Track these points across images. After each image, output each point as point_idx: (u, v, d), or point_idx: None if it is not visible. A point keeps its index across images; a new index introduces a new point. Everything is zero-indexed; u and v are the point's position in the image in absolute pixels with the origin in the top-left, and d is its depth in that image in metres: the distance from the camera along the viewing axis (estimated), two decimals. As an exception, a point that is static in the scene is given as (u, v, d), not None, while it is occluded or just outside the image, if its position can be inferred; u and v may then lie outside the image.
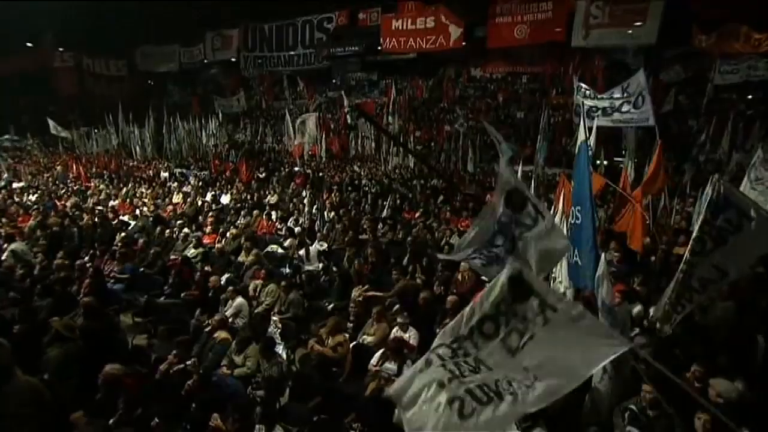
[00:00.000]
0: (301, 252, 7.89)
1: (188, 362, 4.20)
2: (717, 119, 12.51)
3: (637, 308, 5.09)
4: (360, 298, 6.13)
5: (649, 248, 6.99)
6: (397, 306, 5.81)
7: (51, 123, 19.86)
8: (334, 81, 25.71)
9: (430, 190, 14.12)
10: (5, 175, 15.34)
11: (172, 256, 7.71)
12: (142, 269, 7.09)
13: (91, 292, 5.59)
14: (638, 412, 3.21)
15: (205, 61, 27.80)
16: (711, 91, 16.59)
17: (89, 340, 4.18)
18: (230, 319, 5.55)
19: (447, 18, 20.59)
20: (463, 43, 21.40)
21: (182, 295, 6.38)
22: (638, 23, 16.48)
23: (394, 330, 5.20)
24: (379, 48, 23.27)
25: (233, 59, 27.15)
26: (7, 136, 24.92)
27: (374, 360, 4.72)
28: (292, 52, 25.08)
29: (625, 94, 7.27)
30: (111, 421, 3.27)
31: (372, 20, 22.75)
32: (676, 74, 18.16)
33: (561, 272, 4.42)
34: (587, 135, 4.11)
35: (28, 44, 28.48)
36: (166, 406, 3.84)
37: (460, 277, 6.75)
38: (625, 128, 9.93)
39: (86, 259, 6.87)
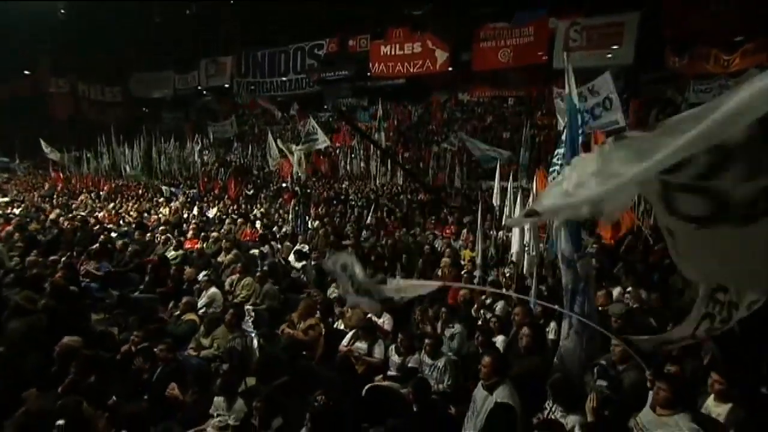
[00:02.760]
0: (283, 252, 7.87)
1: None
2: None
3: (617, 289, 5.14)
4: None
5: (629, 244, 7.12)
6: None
7: (43, 143, 19.97)
8: (325, 107, 26.33)
9: (417, 204, 14.27)
10: None
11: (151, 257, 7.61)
12: (117, 268, 6.99)
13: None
14: (607, 366, 3.17)
15: (199, 87, 28.41)
16: (686, 110, 17.19)
17: (52, 317, 4.09)
18: (203, 309, 5.45)
19: (433, 43, 21.44)
20: (450, 68, 22.16)
21: (157, 290, 6.28)
22: (615, 46, 17.30)
23: (368, 315, 5.14)
24: (369, 74, 24.01)
25: (227, 85, 27.80)
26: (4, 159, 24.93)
27: (345, 340, 4.64)
28: (284, 78, 25.78)
29: (596, 95, 7.55)
30: (60, 388, 3.13)
31: (361, 46, 23.61)
32: (654, 95, 18.89)
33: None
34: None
35: (26, 72, 29.12)
36: (126, 385, 3.73)
37: (440, 272, 6.78)
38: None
39: (60, 257, 6.74)
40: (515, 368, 3.18)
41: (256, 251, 8.34)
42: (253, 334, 5.08)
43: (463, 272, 6.43)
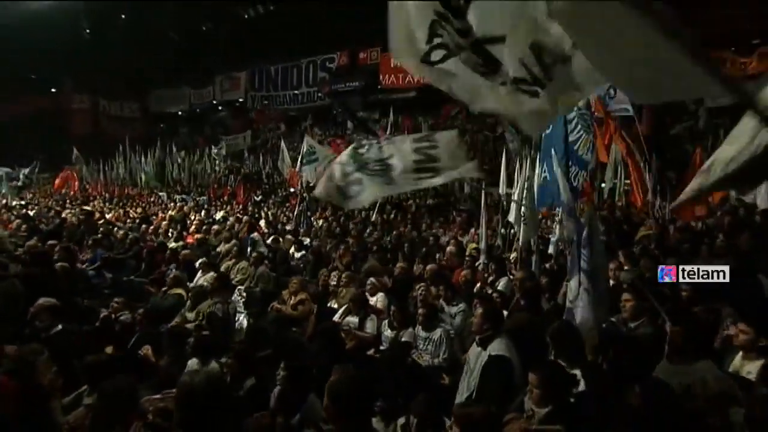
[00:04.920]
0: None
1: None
2: (711, 143, 12.51)
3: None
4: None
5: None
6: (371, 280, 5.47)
7: (75, 151, 20.64)
8: (338, 120, 26.60)
9: (425, 208, 14.08)
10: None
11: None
12: (114, 254, 6.91)
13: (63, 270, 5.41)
14: (618, 323, 2.84)
15: (214, 101, 29.09)
16: (704, 114, 16.77)
17: (32, 283, 3.94)
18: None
19: (443, 54, 21.56)
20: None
21: (149, 277, 6.13)
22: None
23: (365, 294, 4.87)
24: (380, 86, 24.26)
25: (241, 100, 28.39)
26: (25, 171, 25.73)
27: (336, 316, 4.39)
28: (296, 91, 26.21)
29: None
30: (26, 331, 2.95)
31: (372, 59, 23.92)
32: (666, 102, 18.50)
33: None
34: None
35: (52, 90, 30.40)
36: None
37: (447, 258, 6.53)
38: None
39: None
40: (510, 323, 2.86)
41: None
42: (242, 316, 4.89)
43: (466, 259, 6.13)
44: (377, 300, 4.77)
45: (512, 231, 7.25)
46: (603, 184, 9.68)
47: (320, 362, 3.37)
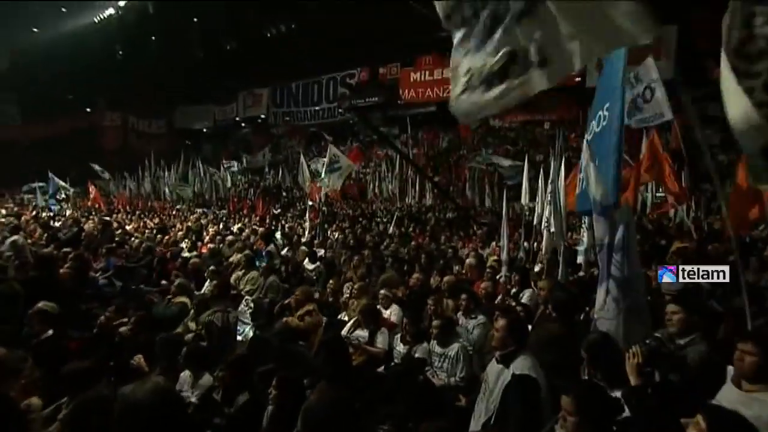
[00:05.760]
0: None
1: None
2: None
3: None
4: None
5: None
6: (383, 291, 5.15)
7: (96, 167, 21.33)
8: (359, 136, 26.73)
9: (444, 222, 13.74)
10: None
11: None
12: (127, 263, 6.84)
13: (70, 276, 5.36)
14: (664, 340, 2.43)
15: (237, 118, 29.78)
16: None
17: (35, 286, 3.83)
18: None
19: (462, 68, 21.46)
20: (480, 92, 22.02)
21: (162, 282, 6.01)
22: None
23: (377, 307, 4.56)
24: (400, 101, 24.30)
25: (263, 116, 28.97)
26: (62, 183, 26.87)
27: (345, 329, 4.08)
28: (317, 107, 26.55)
29: (639, 83, 6.89)
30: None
31: (392, 74, 24.05)
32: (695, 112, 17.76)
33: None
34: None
35: (87, 109, 31.90)
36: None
37: (466, 271, 6.17)
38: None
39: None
40: (536, 335, 2.50)
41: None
42: (248, 327, 4.65)
43: (486, 271, 5.74)
44: (391, 313, 4.45)
45: (535, 244, 6.85)
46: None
47: (322, 378, 3.07)
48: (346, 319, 4.63)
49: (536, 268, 5.52)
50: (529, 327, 3.61)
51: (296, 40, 24.48)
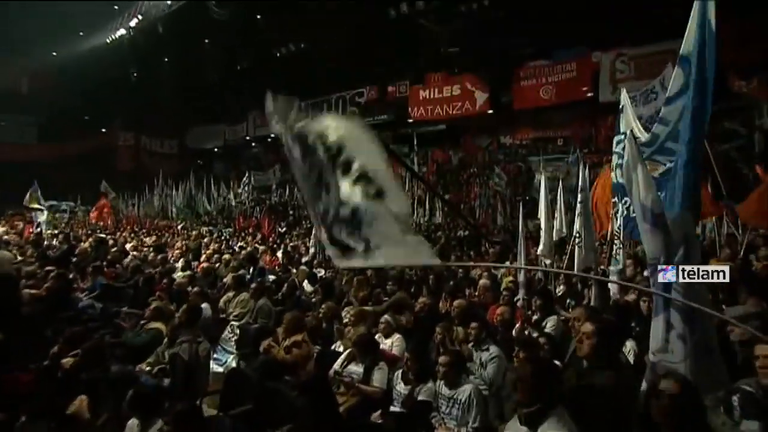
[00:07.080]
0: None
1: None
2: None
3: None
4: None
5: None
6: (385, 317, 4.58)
7: (103, 183, 21.31)
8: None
9: (455, 240, 13.20)
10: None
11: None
12: (116, 283, 6.41)
13: (46, 296, 4.96)
14: (756, 394, 1.82)
15: (247, 137, 29.89)
16: (761, 140, 15.26)
17: None
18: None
19: (472, 85, 21.25)
20: (489, 111, 21.67)
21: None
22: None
23: (376, 336, 4.00)
24: (409, 120, 24.09)
25: (273, 135, 29.03)
26: (70, 204, 27.12)
27: (338, 363, 3.51)
28: (326, 126, 26.54)
29: (663, 90, 6.35)
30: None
31: (401, 92, 23.94)
32: (714, 128, 17.11)
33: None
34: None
35: (103, 130, 32.52)
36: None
37: (479, 293, 5.59)
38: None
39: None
40: (573, 387, 1.91)
41: (271, 277, 7.52)
42: (231, 357, 4.12)
43: (502, 293, 5.15)
44: (392, 343, 3.88)
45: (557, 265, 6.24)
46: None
47: (303, 425, 2.52)
48: (341, 349, 4.08)
49: (558, 290, 4.91)
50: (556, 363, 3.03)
51: (305, 59, 24.66)
